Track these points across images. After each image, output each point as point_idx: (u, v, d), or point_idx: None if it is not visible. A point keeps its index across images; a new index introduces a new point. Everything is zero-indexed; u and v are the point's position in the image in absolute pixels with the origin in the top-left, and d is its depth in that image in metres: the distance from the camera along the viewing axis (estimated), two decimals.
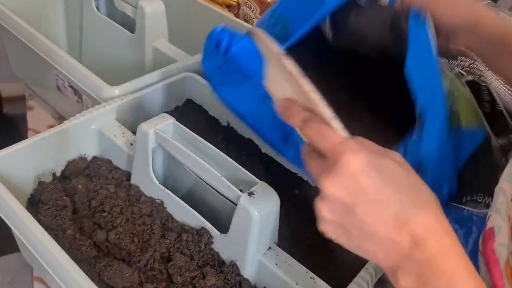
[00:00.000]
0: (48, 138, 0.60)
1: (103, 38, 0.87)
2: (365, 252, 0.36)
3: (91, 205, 0.58)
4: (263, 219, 0.49)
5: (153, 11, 0.78)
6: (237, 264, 0.52)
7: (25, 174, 0.60)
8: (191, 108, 0.75)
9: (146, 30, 0.79)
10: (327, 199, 0.35)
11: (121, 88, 0.68)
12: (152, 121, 0.56)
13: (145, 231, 0.56)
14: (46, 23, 0.95)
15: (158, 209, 0.58)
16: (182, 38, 0.90)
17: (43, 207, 0.56)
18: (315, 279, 0.50)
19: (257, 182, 0.51)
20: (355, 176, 0.34)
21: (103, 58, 0.89)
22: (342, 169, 0.34)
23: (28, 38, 0.78)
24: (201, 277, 0.52)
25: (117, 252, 0.54)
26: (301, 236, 0.58)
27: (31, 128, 0.86)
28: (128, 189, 0.60)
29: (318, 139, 0.37)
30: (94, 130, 0.64)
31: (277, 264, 0.51)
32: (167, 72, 0.74)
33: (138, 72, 0.77)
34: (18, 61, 0.93)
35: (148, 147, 0.56)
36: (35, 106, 0.90)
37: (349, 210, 0.34)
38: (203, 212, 0.55)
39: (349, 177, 0.34)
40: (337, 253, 0.58)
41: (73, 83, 0.73)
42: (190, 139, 0.56)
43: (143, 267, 0.53)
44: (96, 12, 0.87)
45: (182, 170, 0.60)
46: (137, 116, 0.67)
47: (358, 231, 0.35)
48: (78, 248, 0.53)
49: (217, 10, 0.92)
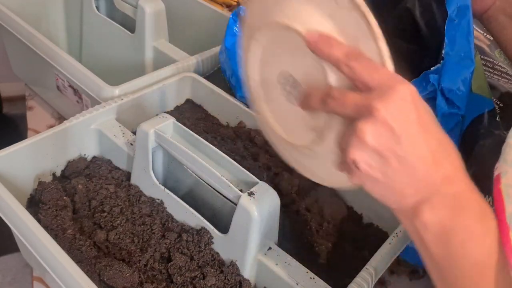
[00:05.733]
0: (48, 138, 0.60)
1: (103, 38, 0.87)
2: (392, 188, 0.36)
3: (91, 205, 0.58)
4: (263, 219, 0.49)
5: (153, 11, 0.78)
6: (237, 264, 0.52)
7: (25, 174, 0.60)
8: (191, 108, 0.75)
9: (146, 30, 0.79)
10: (376, 122, 0.34)
11: (121, 88, 0.68)
12: (152, 121, 0.56)
13: (145, 231, 0.56)
14: (46, 23, 0.95)
15: (158, 209, 0.58)
16: (182, 38, 0.90)
17: (43, 207, 0.56)
18: (315, 279, 0.50)
19: (257, 182, 0.51)
20: (408, 104, 0.34)
21: (103, 58, 0.89)
22: (398, 94, 0.34)
23: (28, 38, 0.78)
24: (201, 277, 0.51)
25: (117, 252, 0.54)
26: (301, 236, 0.58)
27: (31, 128, 0.86)
28: (128, 189, 0.60)
29: (370, 72, 0.36)
30: (94, 130, 0.64)
31: (277, 264, 0.51)
32: (167, 72, 0.74)
33: (138, 72, 0.77)
34: (18, 61, 0.93)
35: (148, 147, 0.56)
36: (35, 106, 0.90)
37: (397, 138, 0.34)
38: (203, 212, 0.55)
39: (404, 103, 0.34)
40: (337, 253, 0.58)
41: (73, 83, 0.73)
42: (190, 139, 0.56)
43: (143, 267, 0.53)
44: (96, 12, 0.87)
45: (182, 170, 0.60)
46: (137, 116, 0.67)
47: (397, 161, 0.34)
48: (78, 248, 0.53)
49: (217, 10, 0.92)
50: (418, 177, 0.35)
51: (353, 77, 0.36)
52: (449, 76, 0.56)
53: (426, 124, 0.35)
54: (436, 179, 0.35)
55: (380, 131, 0.34)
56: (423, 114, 0.35)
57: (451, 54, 0.57)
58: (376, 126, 0.34)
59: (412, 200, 0.35)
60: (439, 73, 0.57)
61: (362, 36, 0.37)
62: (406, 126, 0.34)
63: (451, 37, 0.57)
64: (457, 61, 0.57)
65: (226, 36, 0.71)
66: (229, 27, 0.70)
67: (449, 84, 0.55)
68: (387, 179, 0.35)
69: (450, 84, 0.55)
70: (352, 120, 0.36)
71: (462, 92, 0.56)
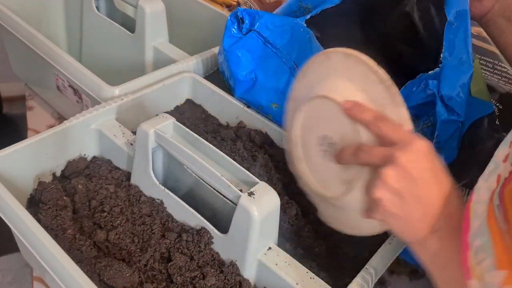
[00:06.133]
0: (48, 138, 0.60)
1: (103, 38, 0.87)
2: (409, 220, 0.43)
3: (91, 205, 0.58)
4: (263, 219, 0.49)
5: (153, 11, 0.78)
6: (237, 264, 0.52)
7: (25, 174, 0.60)
8: (191, 108, 0.75)
9: (146, 30, 0.79)
10: (398, 167, 0.42)
11: (121, 88, 0.68)
12: (152, 121, 0.56)
13: (145, 231, 0.56)
14: (46, 23, 0.95)
15: (158, 209, 0.58)
16: (182, 38, 0.90)
17: (43, 207, 0.56)
18: (315, 279, 0.50)
19: (257, 182, 0.51)
20: (424, 154, 0.42)
21: (103, 58, 0.89)
22: (415, 147, 0.42)
23: (28, 38, 0.78)
24: (201, 277, 0.51)
25: (117, 252, 0.54)
26: (301, 236, 0.58)
27: (31, 128, 0.86)
28: (128, 189, 0.60)
29: (393, 131, 0.44)
30: (94, 130, 0.64)
31: (277, 264, 0.51)
32: (167, 72, 0.74)
33: (138, 72, 0.77)
34: (18, 61, 0.93)
35: (148, 147, 0.56)
36: (35, 106, 0.90)
37: (414, 181, 0.42)
38: (203, 212, 0.55)
39: (422, 154, 0.42)
40: (337, 253, 0.58)
41: (73, 83, 0.73)
42: (190, 139, 0.56)
43: (143, 267, 0.53)
44: (96, 12, 0.87)
45: (182, 170, 0.60)
46: (137, 116, 0.67)
47: (414, 200, 0.42)
48: (78, 248, 0.53)
49: (217, 10, 0.92)
50: (430, 213, 0.42)
51: (380, 134, 0.45)
52: (448, 82, 0.56)
53: (437, 171, 0.43)
54: (443, 216, 0.42)
55: (400, 175, 0.42)
56: (435, 163, 0.43)
57: (449, 58, 0.57)
58: (397, 171, 0.42)
59: (425, 231, 0.43)
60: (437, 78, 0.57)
61: (387, 104, 0.47)
62: (422, 172, 0.42)
63: (449, 41, 0.58)
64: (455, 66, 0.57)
65: (224, 38, 0.70)
66: (227, 28, 0.70)
67: (448, 91, 0.55)
68: (405, 214, 0.43)
69: (450, 91, 0.56)
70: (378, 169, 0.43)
71: (461, 98, 0.56)
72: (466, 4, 0.58)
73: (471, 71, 0.57)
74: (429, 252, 0.43)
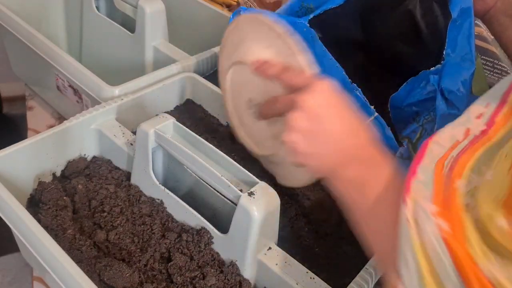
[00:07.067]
0: (48, 138, 0.60)
1: (103, 38, 0.87)
2: (321, 155, 0.46)
3: (91, 205, 0.58)
4: (263, 219, 0.49)
5: (153, 11, 0.78)
6: (237, 264, 0.52)
7: (25, 174, 0.60)
8: (191, 108, 0.75)
9: (146, 30, 0.79)
10: (304, 110, 0.45)
11: (121, 88, 0.68)
12: (152, 121, 0.56)
13: (145, 231, 0.56)
14: (46, 23, 0.95)
15: (158, 209, 0.58)
16: (182, 38, 0.90)
17: (43, 207, 0.56)
18: (315, 279, 0.50)
19: (257, 182, 0.51)
20: (327, 93, 0.45)
21: (103, 58, 0.89)
22: (317, 88, 0.45)
23: (28, 38, 0.78)
24: (201, 277, 0.51)
25: (117, 252, 0.54)
26: (301, 236, 0.58)
27: (31, 128, 0.86)
28: (128, 189, 0.60)
29: (296, 78, 0.48)
30: (94, 130, 0.64)
31: (277, 264, 0.51)
32: (167, 72, 0.74)
33: (138, 72, 0.77)
34: (18, 61, 0.93)
35: (148, 147, 0.56)
36: (35, 106, 0.90)
37: (321, 118, 0.45)
38: (203, 212, 0.55)
39: (323, 93, 0.45)
40: (337, 253, 0.58)
41: (73, 83, 0.73)
42: (190, 139, 0.56)
43: (143, 267, 0.53)
44: (96, 12, 0.87)
45: (182, 170, 0.60)
46: (137, 116, 0.67)
47: (324, 135, 0.45)
48: (78, 248, 0.53)
49: (217, 10, 0.92)
50: (338, 147, 0.45)
51: (287, 84, 0.49)
52: (449, 77, 0.56)
53: (341, 108, 0.46)
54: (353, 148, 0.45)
55: (304, 116, 0.45)
56: (339, 101, 0.46)
57: (452, 55, 0.57)
58: (301, 112, 0.45)
59: (338, 161, 0.45)
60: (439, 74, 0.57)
61: (289, 54, 0.51)
62: (324, 109, 0.45)
63: (452, 38, 0.57)
64: (457, 62, 0.57)
65: None
66: None
67: (449, 85, 0.56)
68: (315, 151, 0.45)
69: (450, 85, 0.56)
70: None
71: (462, 93, 0.56)
72: (470, 1, 0.58)
73: (473, 68, 0.57)
74: (343, 182, 0.45)
